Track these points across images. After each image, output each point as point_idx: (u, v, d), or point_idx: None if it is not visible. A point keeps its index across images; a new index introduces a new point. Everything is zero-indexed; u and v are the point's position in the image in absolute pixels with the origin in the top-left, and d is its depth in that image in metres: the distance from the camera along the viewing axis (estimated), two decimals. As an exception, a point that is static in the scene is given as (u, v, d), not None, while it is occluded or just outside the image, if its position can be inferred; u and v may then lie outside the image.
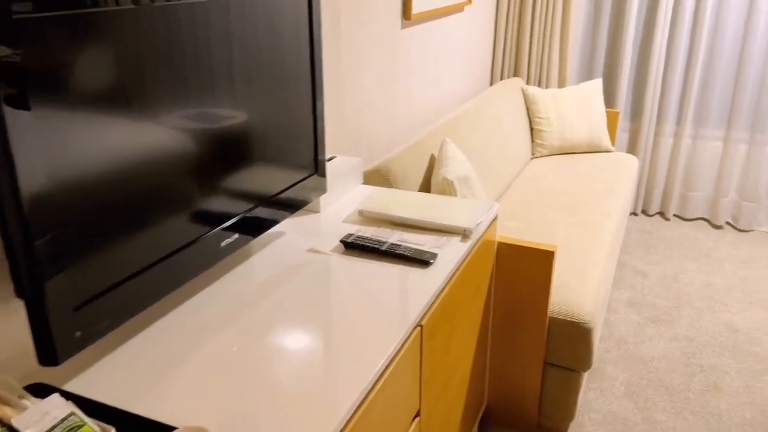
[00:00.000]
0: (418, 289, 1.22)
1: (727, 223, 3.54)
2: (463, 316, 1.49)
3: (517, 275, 1.78)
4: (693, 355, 2.35)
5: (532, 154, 3.26)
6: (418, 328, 1.16)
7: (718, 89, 3.34)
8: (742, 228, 3.46)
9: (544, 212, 2.51)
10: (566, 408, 1.88)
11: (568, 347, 1.81)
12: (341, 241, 1.38)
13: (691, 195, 3.54)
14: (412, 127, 2.51)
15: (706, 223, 3.55)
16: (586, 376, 2.21)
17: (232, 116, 1.13)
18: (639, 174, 3.59)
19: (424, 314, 1.19)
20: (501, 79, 3.56)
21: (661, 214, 3.66)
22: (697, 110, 3.41)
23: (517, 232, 2.32)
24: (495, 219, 1.67)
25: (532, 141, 3.28)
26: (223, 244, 1.15)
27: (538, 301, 1.78)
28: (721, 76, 3.31)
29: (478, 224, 1.50)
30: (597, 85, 3.31)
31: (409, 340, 1.12)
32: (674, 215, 3.64)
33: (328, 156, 1.75)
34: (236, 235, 1.19)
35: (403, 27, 2.25)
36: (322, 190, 1.49)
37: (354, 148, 2.07)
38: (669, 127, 3.44)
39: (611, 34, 3.49)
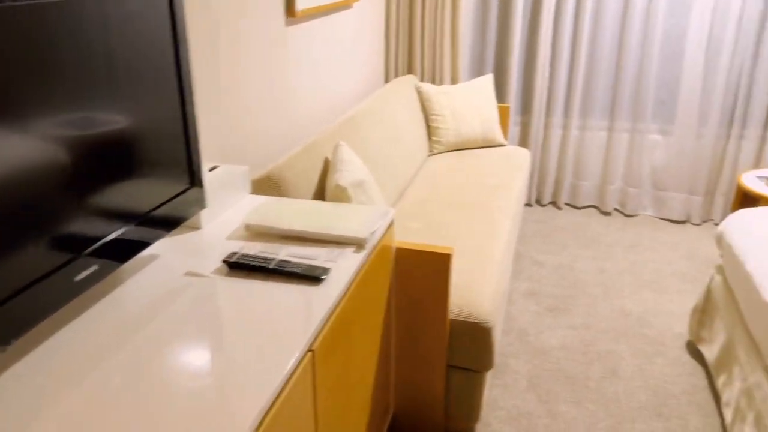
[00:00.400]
0: (309, 309, 1.14)
1: (615, 209, 3.71)
2: (362, 329, 1.42)
3: (416, 280, 1.73)
4: (591, 342, 2.42)
5: (430, 151, 3.26)
6: (310, 353, 1.07)
7: (601, 81, 3.48)
8: (628, 213, 3.63)
9: (443, 210, 2.49)
10: (472, 409, 1.86)
11: (470, 348, 1.79)
12: (224, 261, 1.26)
13: (581, 184, 3.68)
14: (304, 129, 2.40)
15: (595, 210, 3.70)
16: (489, 373, 2.21)
17: (91, 124, 0.99)
18: (531, 166, 3.68)
19: (316, 337, 1.10)
20: (395, 76, 3.53)
21: (554, 203, 3.78)
22: (582, 102, 3.54)
23: (418, 232, 2.29)
24: (391, 224, 1.61)
25: (429, 138, 3.27)
26: (79, 277, 1.01)
27: (438, 304, 1.74)
28: (603, 68, 3.45)
29: (372, 232, 1.43)
30: (488, 80, 3.35)
31: (300, 368, 1.03)
32: (566, 204, 3.77)
33: (209, 165, 1.62)
34: (96, 266, 1.04)
35: (289, 24, 2.15)
36: (201, 204, 1.37)
37: (240, 155, 1.95)
38: (557, 119, 3.55)
39: (500, 30, 3.54)
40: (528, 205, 3.78)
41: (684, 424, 1.98)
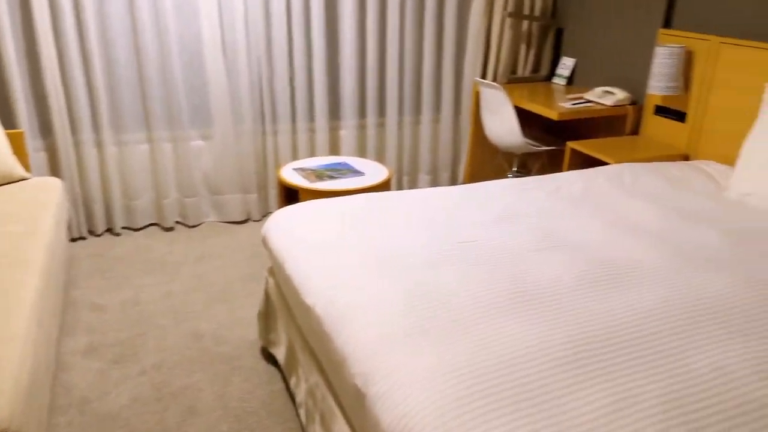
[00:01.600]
0: None
1: (178, 222, 3.52)
2: None
3: None
4: (164, 384, 2.18)
5: None
6: None
7: (126, 93, 3.19)
8: (192, 224, 3.49)
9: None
10: None
11: (-17, 476, 1.34)
12: None
13: (135, 204, 3.37)
14: None
15: (157, 228, 3.45)
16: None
17: None
18: (72, 195, 3.19)
19: None
20: None
21: (110, 230, 3.38)
22: (111, 116, 3.20)
23: None
24: None
25: None
26: None
27: None
28: (125, 79, 3.16)
29: None
30: (-18, 103, 2.71)
31: None
32: (124, 228, 3.42)
33: None
34: None
35: None
36: None
37: None
38: (87, 137, 3.13)
39: (-14, 41, 2.90)
40: (81, 238, 3.29)
41: (268, 442, 1.93)
